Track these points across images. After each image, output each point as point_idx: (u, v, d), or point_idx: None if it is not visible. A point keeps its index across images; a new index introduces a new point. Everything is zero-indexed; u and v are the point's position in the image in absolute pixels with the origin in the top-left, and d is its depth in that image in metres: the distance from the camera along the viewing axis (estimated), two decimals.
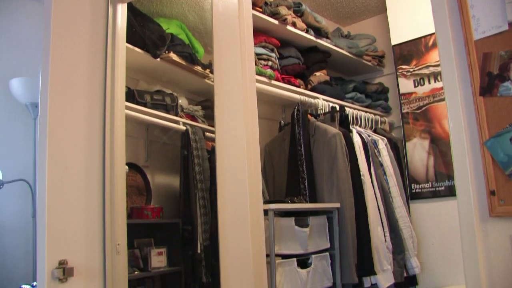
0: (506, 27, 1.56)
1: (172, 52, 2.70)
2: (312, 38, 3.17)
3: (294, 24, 2.99)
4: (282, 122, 3.22)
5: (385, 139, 3.29)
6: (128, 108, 2.26)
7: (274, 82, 2.85)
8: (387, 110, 3.75)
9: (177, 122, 2.80)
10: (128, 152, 1.89)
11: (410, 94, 3.47)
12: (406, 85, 3.50)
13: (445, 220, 3.22)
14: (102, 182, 1.68)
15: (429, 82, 3.40)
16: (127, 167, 2.13)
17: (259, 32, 2.84)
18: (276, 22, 2.87)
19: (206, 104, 3.07)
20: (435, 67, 3.36)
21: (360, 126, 3.29)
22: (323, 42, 3.27)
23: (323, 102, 3.10)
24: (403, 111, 3.50)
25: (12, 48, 3.15)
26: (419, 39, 3.45)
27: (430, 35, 3.37)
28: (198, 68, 2.88)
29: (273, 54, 2.89)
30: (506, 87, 1.55)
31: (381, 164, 3.15)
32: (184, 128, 2.79)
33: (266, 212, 2.27)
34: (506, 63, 1.55)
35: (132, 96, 2.57)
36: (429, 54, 3.40)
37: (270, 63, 2.85)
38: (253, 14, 2.38)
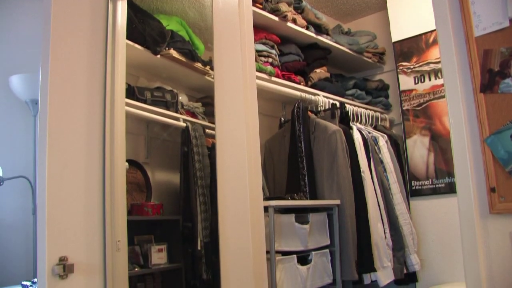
0: (507, 24, 1.56)
1: (172, 48, 2.69)
2: (313, 35, 3.17)
3: (294, 21, 2.99)
4: (283, 119, 3.22)
5: (385, 136, 3.29)
6: (128, 105, 2.25)
7: (274, 79, 2.84)
8: (387, 107, 3.75)
9: (177, 119, 2.79)
10: (128, 148, 1.89)
11: (411, 91, 3.47)
12: (406, 82, 3.50)
13: (445, 217, 3.22)
14: (102, 178, 1.68)
15: (429, 79, 3.40)
16: (127, 164, 2.13)
17: (260, 28, 2.83)
18: (276, 18, 2.87)
19: (206, 101, 3.07)
20: (436, 64, 3.35)
21: (360, 123, 3.29)
22: (324, 39, 3.26)
23: (323, 99, 3.10)
24: (403, 108, 3.50)
25: (12, 45, 3.15)
26: (420, 36, 3.45)
27: (430, 32, 3.37)
28: (199, 64, 2.88)
29: (273, 51, 2.89)
30: (507, 84, 1.54)
31: (381, 161, 3.15)
32: (184, 125, 2.79)
33: (266, 208, 2.28)
34: (507, 60, 1.55)
35: (132, 93, 2.57)
36: (429, 51, 3.40)
37: (270, 59, 2.85)
38: (253, 11, 2.38)
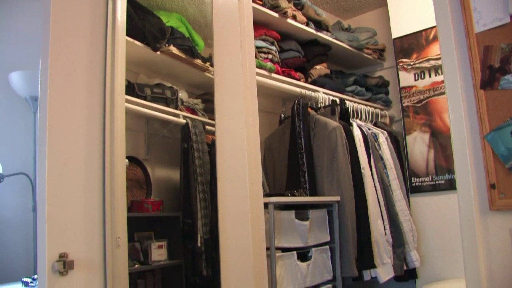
0: (507, 20, 1.56)
1: (172, 45, 2.69)
2: (313, 31, 3.16)
3: (294, 17, 2.98)
4: (282, 116, 3.22)
5: (385, 132, 3.29)
6: (128, 101, 2.25)
7: (274, 75, 2.84)
8: (387, 104, 3.75)
9: (177, 116, 2.79)
10: (128, 145, 1.89)
11: (411, 87, 3.47)
12: (406, 78, 3.50)
13: (445, 214, 3.22)
14: (102, 175, 1.68)
15: (429, 76, 3.39)
16: (127, 161, 2.13)
17: (259, 25, 2.83)
18: (276, 15, 2.86)
19: (206, 98, 3.07)
20: (436, 61, 3.35)
21: (360, 120, 3.29)
22: (324, 35, 3.26)
23: (323, 96, 3.09)
24: (403, 105, 3.50)
25: (11, 42, 3.14)
26: (420, 32, 3.45)
27: (431, 28, 3.37)
28: (198, 61, 2.87)
29: (273, 47, 2.88)
30: (507, 80, 1.54)
31: (381, 158, 3.15)
32: (184, 121, 2.79)
33: (266, 205, 2.28)
34: (508, 56, 1.55)
35: (132, 89, 2.56)
36: (429, 48, 3.39)
37: (270, 56, 2.85)
38: (253, 7, 2.38)
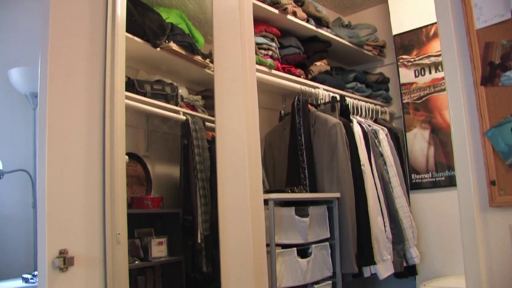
0: (508, 16, 1.55)
1: (172, 41, 2.69)
2: (313, 27, 3.15)
3: (294, 14, 2.98)
4: (283, 112, 3.21)
5: (385, 129, 3.28)
6: (128, 98, 2.25)
7: (274, 72, 2.84)
8: (387, 100, 3.74)
9: (177, 112, 2.79)
10: (128, 142, 1.89)
11: (411, 84, 3.46)
12: (406, 75, 3.49)
13: (445, 210, 3.22)
14: (102, 172, 1.68)
15: (429, 72, 3.39)
16: (127, 157, 2.13)
17: (260, 21, 2.82)
18: (276, 11, 2.86)
19: (206, 94, 3.07)
20: (436, 57, 3.34)
21: (360, 116, 3.29)
22: (324, 32, 3.25)
23: (323, 92, 3.09)
24: (403, 101, 3.49)
25: (11, 38, 3.14)
26: (420, 29, 3.44)
27: (431, 24, 3.36)
28: (198, 57, 2.87)
29: (273, 44, 2.88)
30: (508, 76, 1.54)
31: (381, 154, 3.15)
32: (184, 118, 2.79)
33: (266, 201, 2.28)
34: (508, 53, 1.54)
35: (132, 86, 2.56)
36: (430, 44, 3.39)
37: (270, 52, 2.84)
38: (253, 3, 2.37)
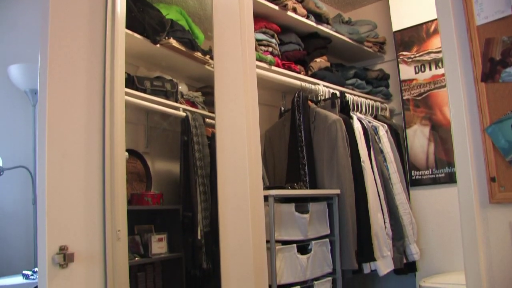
0: (509, 12, 1.55)
1: (172, 38, 2.68)
2: (313, 24, 3.15)
3: (294, 10, 2.97)
4: (283, 108, 3.21)
5: (385, 125, 3.28)
6: (128, 94, 2.25)
7: (274, 68, 2.83)
8: (387, 97, 3.74)
9: (177, 108, 2.79)
10: (128, 138, 1.89)
11: (411, 80, 3.46)
12: (407, 71, 3.49)
13: (445, 207, 3.22)
14: (102, 168, 1.68)
15: (430, 69, 3.38)
16: (127, 154, 2.13)
17: (260, 17, 2.82)
18: (276, 7, 2.85)
19: (206, 90, 3.06)
20: (436, 54, 3.34)
21: (360, 113, 3.29)
22: (324, 28, 3.25)
23: (323, 88, 3.09)
24: (403, 98, 3.49)
25: (10, 35, 3.13)
26: (421, 25, 3.43)
27: (431, 21, 3.35)
28: (198, 54, 2.87)
29: (273, 40, 2.87)
30: (508, 73, 1.54)
31: (381, 151, 3.15)
32: (184, 114, 2.79)
33: (266, 198, 2.28)
34: (509, 49, 1.54)
35: (132, 82, 2.56)
36: (430, 41, 3.38)
37: (270, 49, 2.84)
38: (253, 0, 2.36)
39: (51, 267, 1.45)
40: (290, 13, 2.94)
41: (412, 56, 3.46)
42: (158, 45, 2.63)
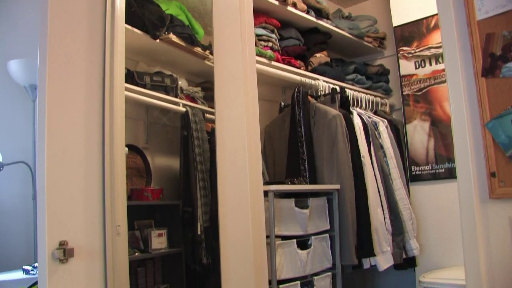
0: (510, 7, 1.55)
1: (171, 33, 2.67)
2: (313, 19, 3.14)
3: (294, 5, 2.96)
4: (282, 104, 3.21)
5: (385, 121, 3.28)
6: (127, 89, 2.24)
7: (274, 63, 2.83)
8: (387, 92, 3.74)
9: (177, 104, 2.78)
10: (128, 133, 1.88)
11: (411, 76, 3.46)
12: (407, 67, 3.48)
13: (444, 202, 3.23)
14: (101, 163, 1.68)
15: (430, 64, 3.38)
16: (126, 149, 2.13)
17: (259, 13, 2.81)
18: (276, 2, 2.84)
19: (206, 86, 3.06)
20: (437, 49, 3.33)
21: (360, 108, 3.29)
22: (324, 23, 3.24)
23: (323, 84, 3.08)
24: (403, 93, 3.49)
25: (10, 30, 3.13)
26: (421, 20, 3.43)
27: (432, 16, 3.35)
28: (198, 49, 2.86)
29: (273, 35, 2.87)
30: (509, 68, 1.53)
31: (381, 146, 3.15)
32: (184, 109, 2.78)
33: (266, 193, 2.28)
34: (509, 44, 1.54)
35: (131, 77, 2.55)
36: (430, 36, 3.38)
37: (270, 44, 2.83)
38: None
39: (51, 262, 1.46)
40: (290, 8, 2.93)
41: (412, 51, 3.45)
42: (158, 40, 2.63)
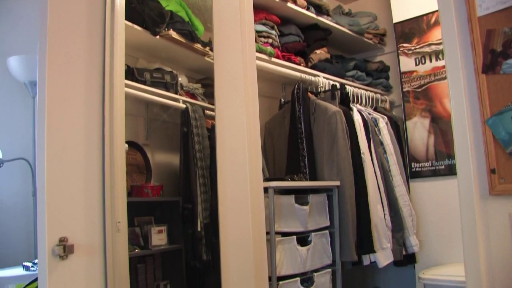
0: (511, 3, 1.54)
1: (171, 29, 2.67)
2: (313, 15, 3.14)
3: (294, 1, 2.96)
4: (282, 100, 3.21)
5: (385, 117, 3.28)
6: (127, 86, 2.24)
7: (274, 60, 2.83)
8: (387, 89, 3.73)
9: (177, 100, 2.78)
10: (128, 130, 1.88)
11: (411, 72, 3.45)
12: (407, 63, 3.48)
13: (444, 199, 3.23)
14: (101, 160, 1.68)
15: (430, 61, 3.37)
16: (127, 145, 2.13)
17: (259, 9, 2.81)
18: None
19: (206, 82, 3.06)
20: (437, 46, 3.33)
21: (360, 104, 3.28)
22: (324, 20, 3.23)
23: (323, 80, 3.08)
24: (404, 90, 3.48)
25: (9, 26, 3.12)
26: (421, 17, 3.42)
27: (432, 12, 3.34)
28: (198, 45, 2.86)
29: (273, 32, 2.86)
30: (509, 64, 1.53)
31: (381, 143, 3.15)
32: (184, 106, 2.78)
33: (266, 190, 2.28)
34: (510, 40, 1.53)
35: (131, 74, 2.55)
36: (431, 32, 3.37)
37: (270, 40, 2.83)
38: None
39: (51, 258, 1.46)
40: (290, 4, 2.93)
41: (412, 48, 3.45)
42: (158, 36, 2.63)
